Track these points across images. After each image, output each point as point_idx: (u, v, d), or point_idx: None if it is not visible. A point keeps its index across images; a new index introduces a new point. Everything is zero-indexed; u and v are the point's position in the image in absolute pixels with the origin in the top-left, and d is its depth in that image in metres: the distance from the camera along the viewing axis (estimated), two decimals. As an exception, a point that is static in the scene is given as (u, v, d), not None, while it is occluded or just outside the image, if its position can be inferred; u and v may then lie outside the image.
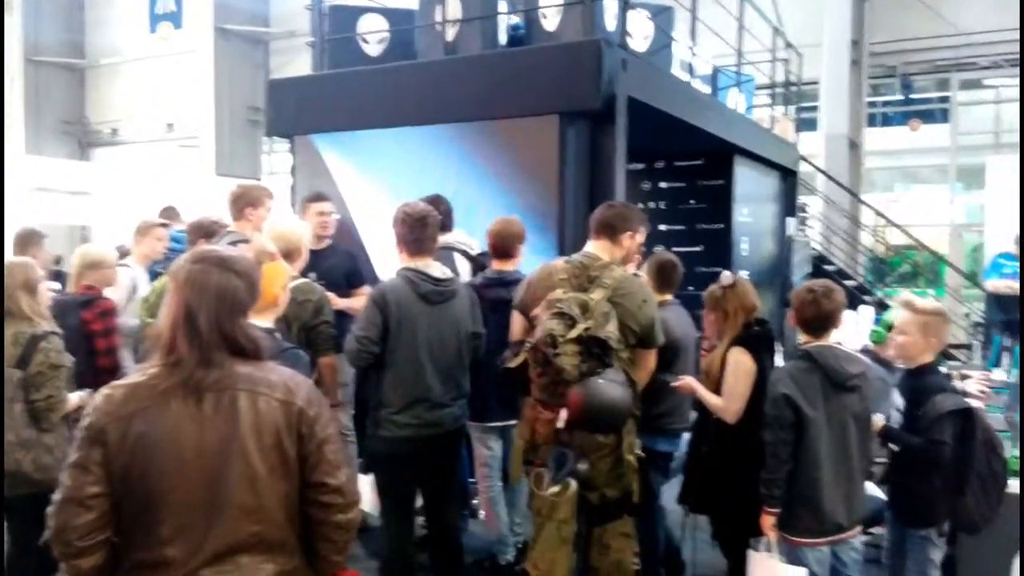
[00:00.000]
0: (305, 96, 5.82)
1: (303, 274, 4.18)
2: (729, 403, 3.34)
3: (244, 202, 4.24)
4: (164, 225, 5.25)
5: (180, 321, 1.82)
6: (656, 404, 3.61)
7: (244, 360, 1.87)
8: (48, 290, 3.56)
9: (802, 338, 3.16)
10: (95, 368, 3.79)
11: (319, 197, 4.68)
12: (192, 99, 17.43)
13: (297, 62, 15.22)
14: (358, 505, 1.96)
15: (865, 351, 4.01)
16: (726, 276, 3.47)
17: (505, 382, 3.24)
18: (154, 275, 4.88)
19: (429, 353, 3.30)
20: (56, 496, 1.76)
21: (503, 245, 3.96)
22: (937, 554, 3.17)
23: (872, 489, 3.46)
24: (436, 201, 4.19)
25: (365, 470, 3.67)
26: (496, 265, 4.00)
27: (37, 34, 18.65)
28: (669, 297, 3.94)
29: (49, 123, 18.98)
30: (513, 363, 3.09)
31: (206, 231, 4.31)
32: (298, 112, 5.78)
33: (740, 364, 3.32)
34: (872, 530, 3.68)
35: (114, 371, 3.90)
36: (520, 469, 3.23)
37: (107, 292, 4.24)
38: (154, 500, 1.76)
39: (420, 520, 3.70)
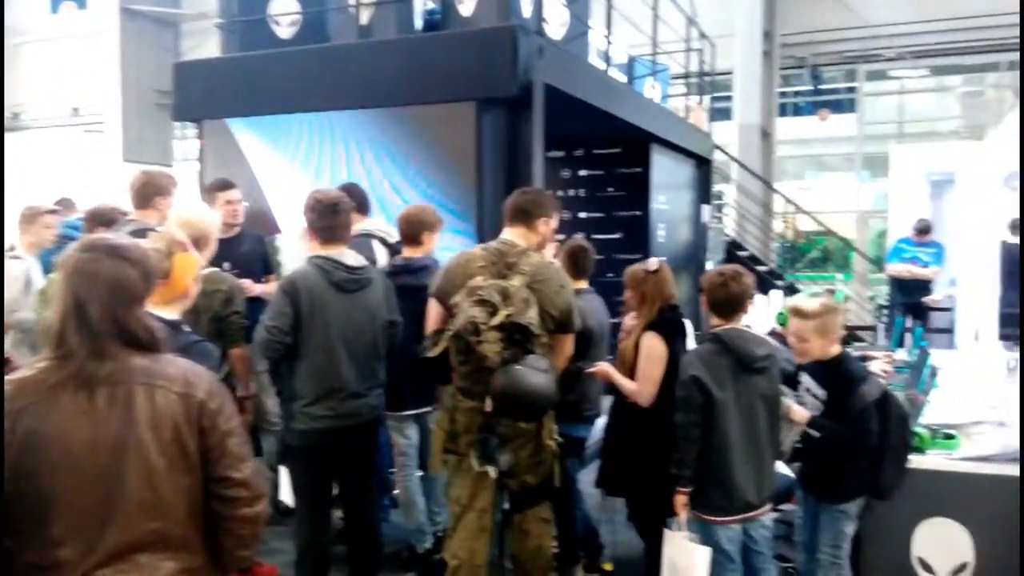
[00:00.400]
0: (213, 80, 5.63)
1: (217, 263, 4.07)
2: (643, 387, 3.39)
3: (150, 190, 4.07)
4: (53, 212, 4.98)
5: (69, 312, 1.74)
6: (571, 391, 3.64)
7: (141, 352, 1.80)
8: None
9: (713, 321, 3.23)
10: None
11: (226, 185, 4.54)
12: (98, 82, 16.74)
13: (209, 45, 14.76)
14: (265, 498, 1.91)
15: (772, 333, 4.12)
16: (652, 261, 3.51)
17: (425, 371, 3.22)
18: (49, 266, 4.66)
19: (344, 342, 3.24)
20: None
21: (410, 231, 3.94)
22: (851, 527, 3.25)
23: (781, 467, 3.57)
24: (350, 188, 4.12)
25: (281, 461, 3.61)
26: (406, 252, 3.97)
27: (-73, 12, 17.56)
28: (584, 284, 3.97)
29: (-58, 106, 17.95)
30: (434, 352, 3.07)
31: (104, 219, 4.12)
32: (206, 96, 5.59)
33: (653, 348, 3.37)
34: (781, 507, 3.79)
35: None
36: (440, 459, 3.22)
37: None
38: (45, 500, 1.68)
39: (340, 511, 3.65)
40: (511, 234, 3.24)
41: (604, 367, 3.59)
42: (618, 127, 6.65)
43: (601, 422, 3.87)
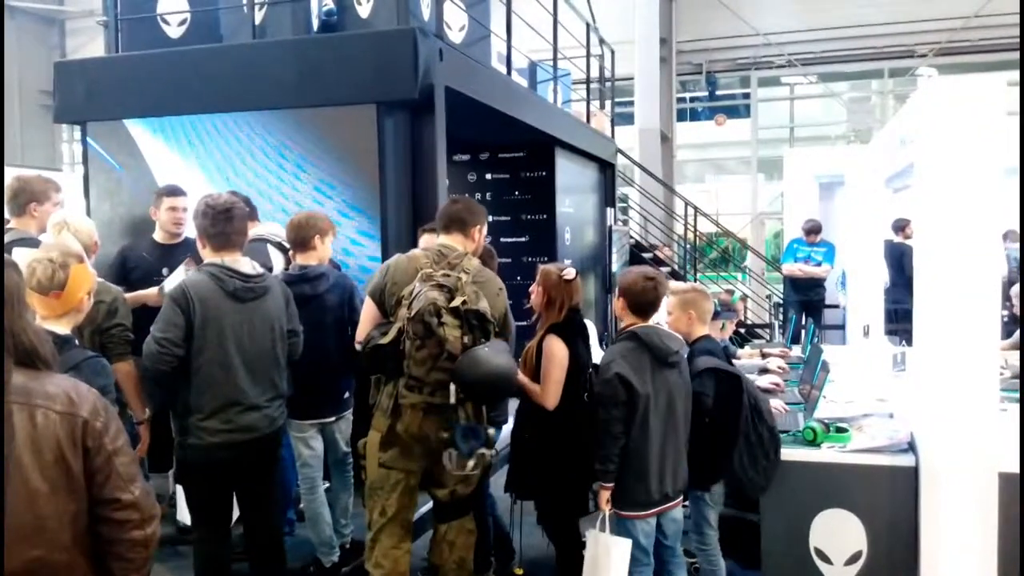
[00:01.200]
0: (98, 80, 5.36)
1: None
2: (546, 389, 3.39)
3: (26, 197, 3.85)
4: None
5: None
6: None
7: (19, 369, 1.68)
8: None
9: (627, 320, 3.31)
10: None
11: (172, 191, 4.42)
12: (-25, 82, 15.77)
13: (97, 44, 14.10)
14: (156, 520, 1.81)
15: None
16: (570, 271, 3.50)
17: (370, 363, 3.15)
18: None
19: (240, 353, 3.11)
20: None
21: (300, 238, 3.83)
22: (711, 513, 3.51)
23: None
24: (235, 195, 3.98)
25: (178, 479, 3.44)
26: (299, 259, 3.85)
27: None
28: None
29: None
30: (386, 339, 3.03)
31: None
32: (89, 97, 5.32)
33: (555, 351, 3.37)
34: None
35: None
36: (376, 462, 3.16)
37: None
38: None
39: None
40: (448, 240, 3.28)
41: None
42: (522, 131, 6.68)
43: (507, 427, 3.85)
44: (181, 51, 5.31)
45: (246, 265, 3.19)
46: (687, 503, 3.60)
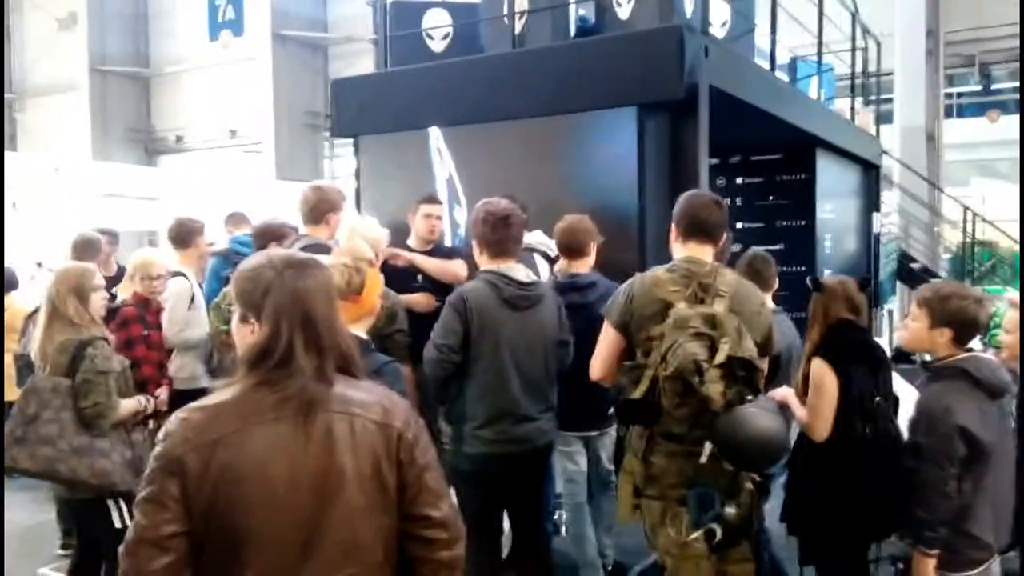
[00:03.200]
0: (369, 95, 5.64)
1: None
2: (812, 420, 3.02)
3: (325, 206, 3.95)
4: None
5: (295, 327, 1.60)
6: None
7: (337, 376, 1.66)
8: (103, 298, 3.46)
9: (943, 351, 2.79)
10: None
11: (430, 198, 4.48)
12: (253, 105, 17.59)
13: (357, 66, 15.23)
14: (463, 540, 1.74)
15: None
16: (832, 279, 3.14)
17: (620, 416, 2.88)
18: (221, 280, 4.73)
19: (514, 362, 3.06)
20: (129, 535, 1.55)
21: (574, 243, 3.68)
22: None
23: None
24: (513, 200, 3.96)
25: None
26: (567, 266, 3.74)
27: (103, 45, 19.03)
28: (769, 303, 3.63)
29: (116, 131, 19.37)
30: (636, 393, 2.64)
31: (275, 234, 4.13)
32: (361, 111, 5.60)
33: (821, 378, 2.96)
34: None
35: (144, 385, 3.88)
36: (629, 507, 2.83)
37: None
38: (240, 540, 1.53)
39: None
40: (693, 250, 2.82)
41: (783, 392, 3.23)
42: (781, 131, 6.24)
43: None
44: (445, 63, 5.46)
45: (521, 273, 3.14)
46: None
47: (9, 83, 21.40)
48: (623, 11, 5.04)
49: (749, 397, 2.55)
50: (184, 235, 4.80)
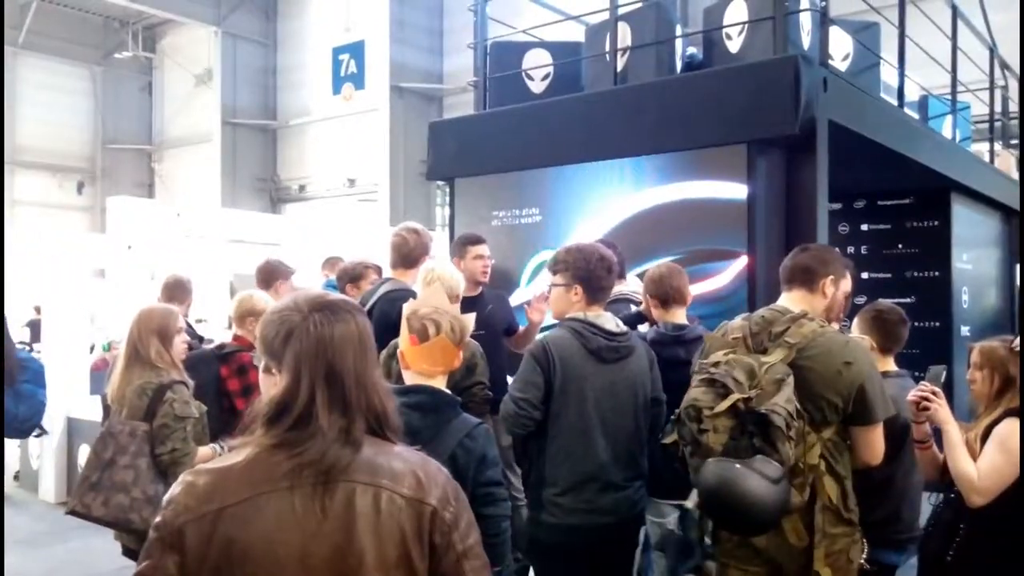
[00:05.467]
0: (466, 137, 5.51)
1: None
2: (986, 479, 2.56)
3: (422, 250, 3.80)
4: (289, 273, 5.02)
5: (316, 382, 1.38)
6: (878, 507, 2.85)
7: (367, 438, 1.42)
8: (184, 341, 3.36)
9: None
10: (232, 426, 3.53)
11: (477, 240, 4.28)
12: (371, 155, 18.07)
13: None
14: None
15: None
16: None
17: (664, 459, 2.67)
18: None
19: (600, 422, 2.74)
20: None
21: (674, 290, 3.36)
22: None
23: None
24: (610, 245, 3.67)
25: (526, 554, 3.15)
26: (664, 317, 3.40)
27: (235, 99, 20.06)
28: (891, 365, 3.18)
29: (244, 180, 20.30)
30: (668, 438, 2.55)
31: (350, 276, 3.99)
32: (457, 154, 5.47)
33: (1013, 439, 2.54)
34: None
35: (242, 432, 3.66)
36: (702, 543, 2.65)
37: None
38: None
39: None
40: (787, 299, 2.64)
41: (941, 411, 2.70)
42: (911, 173, 5.73)
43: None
44: (544, 103, 5.27)
45: (610, 322, 2.84)
46: None
47: (149, 136, 22.88)
48: (733, 44, 4.74)
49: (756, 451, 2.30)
50: (267, 276, 4.75)
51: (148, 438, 3.12)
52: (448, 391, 2.22)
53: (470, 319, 2.33)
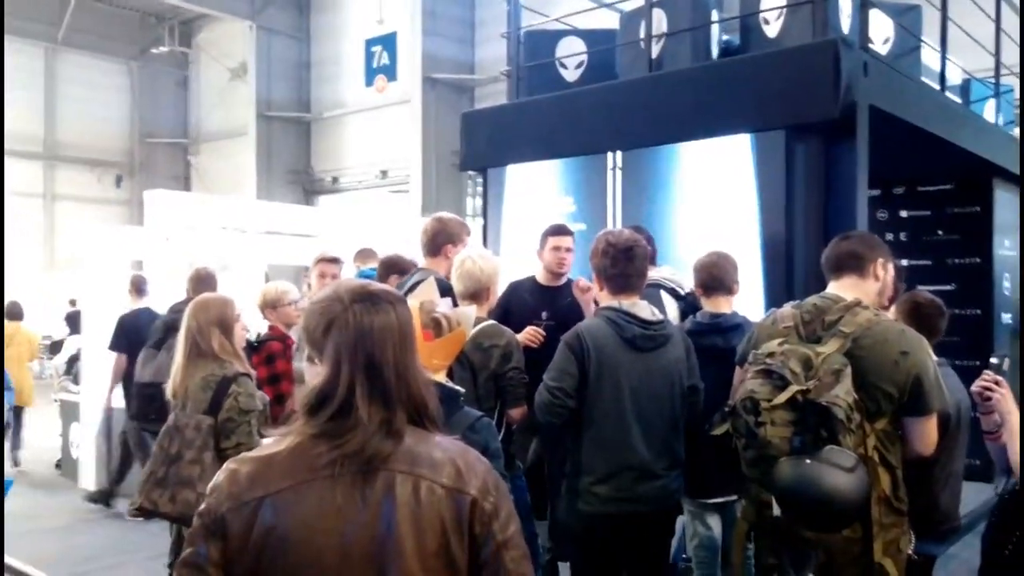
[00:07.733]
0: (498, 127, 5.50)
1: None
2: None
3: (444, 238, 3.73)
4: (333, 260, 4.98)
5: (356, 371, 1.37)
6: (913, 497, 2.79)
7: (408, 428, 1.41)
8: (243, 329, 3.34)
9: None
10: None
11: (559, 230, 4.16)
12: (403, 146, 18.12)
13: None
14: None
15: None
16: None
17: (717, 452, 2.65)
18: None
19: (636, 410, 2.72)
20: None
21: (717, 280, 3.32)
22: None
23: None
24: (639, 231, 3.64)
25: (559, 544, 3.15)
26: (708, 305, 3.37)
27: (269, 92, 20.22)
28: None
29: (279, 172, 20.45)
30: (718, 430, 2.51)
31: (397, 267, 3.99)
32: (490, 144, 5.46)
33: None
34: None
35: (286, 421, 3.65)
36: (742, 555, 2.59)
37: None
38: None
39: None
40: (837, 287, 2.57)
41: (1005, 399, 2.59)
42: (952, 158, 5.61)
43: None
44: (577, 91, 5.25)
45: (645, 310, 2.81)
46: None
47: (185, 130, 23.16)
48: (771, 29, 4.67)
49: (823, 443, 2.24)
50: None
51: (213, 432, 3.05)
52: (452, 384, 2.20)
53: (469, 312, 2.34)
